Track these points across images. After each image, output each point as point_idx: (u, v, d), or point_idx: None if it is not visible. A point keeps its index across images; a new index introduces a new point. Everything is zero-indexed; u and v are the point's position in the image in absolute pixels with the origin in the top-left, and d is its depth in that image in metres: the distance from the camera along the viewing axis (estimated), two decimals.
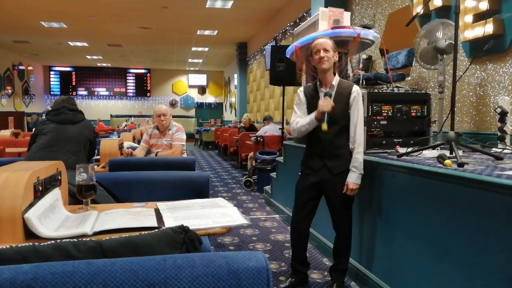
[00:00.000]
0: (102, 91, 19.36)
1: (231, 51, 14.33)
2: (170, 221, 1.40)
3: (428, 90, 3.82)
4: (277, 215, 4.63)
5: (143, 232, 0.99)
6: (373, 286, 2.51)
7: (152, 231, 1.01)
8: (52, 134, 2.72)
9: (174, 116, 6.27)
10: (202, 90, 20.09)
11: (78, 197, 1.70)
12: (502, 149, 2.59)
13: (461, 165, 1.97)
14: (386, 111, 2.80)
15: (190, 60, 16.91)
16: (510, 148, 2.62)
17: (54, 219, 1.44)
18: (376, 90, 2.90)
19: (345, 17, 3.41)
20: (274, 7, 9.28)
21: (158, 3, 8.82)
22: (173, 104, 19.64)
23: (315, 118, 2.40)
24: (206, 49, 14.31)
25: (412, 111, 2.85)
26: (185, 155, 4.04)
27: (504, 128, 2.65)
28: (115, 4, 8.91)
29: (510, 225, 1.55)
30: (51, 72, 18.86)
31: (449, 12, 3.52)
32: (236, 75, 14.36)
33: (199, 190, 2.25)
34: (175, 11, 9.44)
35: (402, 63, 3.94)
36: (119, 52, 15.06)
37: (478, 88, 3.37)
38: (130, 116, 17.95)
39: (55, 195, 1.56)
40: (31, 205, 1.35)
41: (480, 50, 3.22)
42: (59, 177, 1.69)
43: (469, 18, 3.29)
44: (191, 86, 20.04)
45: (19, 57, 15.58)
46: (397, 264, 2.32)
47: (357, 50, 3.40)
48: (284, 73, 5.51)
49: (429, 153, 2.49)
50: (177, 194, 2.07)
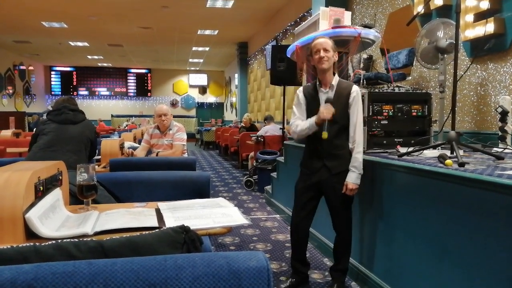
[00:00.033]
0: (103, 91, 19.37)
1: (232, 51, 14.33)
2: (170, 221, 1.40)
3: (429, 89, 3.81)
4: (278, 215, 4.63)
5: (144, 232, 0.99)
6: (374, 286, 2.51)
7: (153, 231, 1.01)
8: (53, 134, 2.72)
9: (175, 116, 6.26)
10: (203, 90, 20.08)
11: (79, 197, 1.70)
12: (503, 149, 2.59)
13: (462, 165, 1.97)
14: (386, 110, 2.80)
15: (190, 60, 16.91)
16: (511, 148, 2.61)
17: (55, 219, 1.44)
18: (376, 90, 2.90)
19: (346, 17, 3.41)
20: (274, 7, 9.28)
21: (159, 3, 8.82)
22: (174, 104, 19.64)
23: (316, 124, 2.40)
24: (207, 49, 14.31)
25: (413, 110, 2.85)
26: (186, 155, 4.04)
27: (505, 128, 2.65)
28: (115, 4, 8.91)
29: (510, 225, 1.55)
30: (52, 72, 18.88)
31: (450, 11, 3.52)
32: (236, 75, 14.36)
33: (200, 190, 2.25)
34: (175, 11, 9.44)
35: (403, 62, 3.94)
36: (119, 52, 15.07)
37: (479, 88, 3.36)
38: (131, 116, 17.96)
39: (56, 195, 1.57)
40: (32, 205, 1.35)
41: (481, 49, 3.22)
42: (60, 177, 1.69)
43: (470, 17, 3.28)
44: (191, 86, 20.03)
45: (20, 57, 15.60)
46: (398, 264, 2.32)
47: (357, 49, 3.40)
48: (284, 72, 5.51)
49: (429, 153, 2.49)
50: (178, 194, 2.07)
